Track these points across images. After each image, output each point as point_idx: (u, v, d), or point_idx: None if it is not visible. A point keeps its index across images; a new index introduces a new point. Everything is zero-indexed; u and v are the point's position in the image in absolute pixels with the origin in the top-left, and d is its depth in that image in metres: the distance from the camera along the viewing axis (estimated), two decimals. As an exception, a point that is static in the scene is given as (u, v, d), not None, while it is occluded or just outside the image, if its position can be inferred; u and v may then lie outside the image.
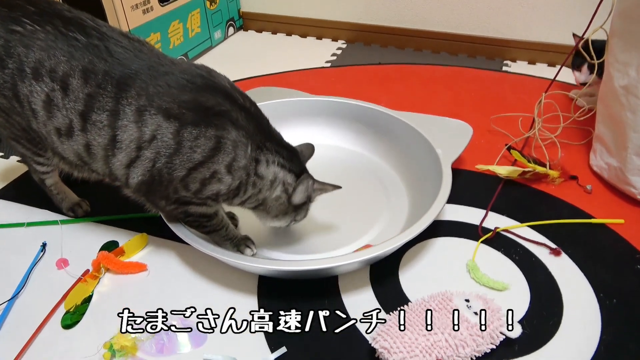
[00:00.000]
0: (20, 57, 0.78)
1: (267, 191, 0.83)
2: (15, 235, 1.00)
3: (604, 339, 0.77)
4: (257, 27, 2.02)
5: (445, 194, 0.90)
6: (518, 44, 1.70)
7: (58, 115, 0.79)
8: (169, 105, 0.75)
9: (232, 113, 0.77)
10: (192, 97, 0.76)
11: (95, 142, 0.79)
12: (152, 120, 0.75)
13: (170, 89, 0.76)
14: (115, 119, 0.76)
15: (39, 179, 1.00)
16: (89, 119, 0.77)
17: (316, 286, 0.87)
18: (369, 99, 1.21)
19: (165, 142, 0.76)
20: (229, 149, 0.76)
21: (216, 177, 0.78)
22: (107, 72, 0.76)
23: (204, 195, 0.80)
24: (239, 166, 0.78)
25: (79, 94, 0.77)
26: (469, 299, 0.78)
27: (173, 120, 0.75)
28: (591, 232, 0.97)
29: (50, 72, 0.77)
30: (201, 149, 0.75)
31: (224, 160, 0.76)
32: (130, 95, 0.76)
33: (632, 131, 0.99)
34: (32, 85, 0.78)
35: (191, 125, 0.75)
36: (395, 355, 0.69)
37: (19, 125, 0.86)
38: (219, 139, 0.75)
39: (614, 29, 1.02)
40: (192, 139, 0.75)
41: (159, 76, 0.77)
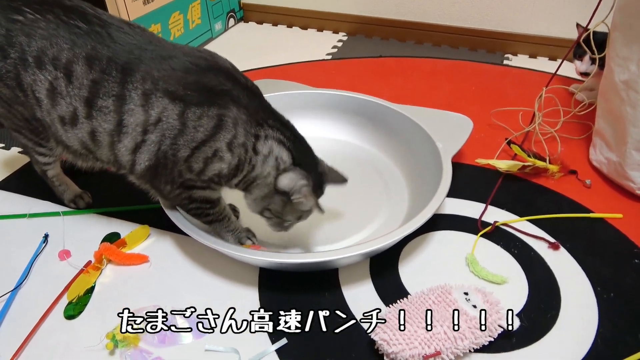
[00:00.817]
0: (22, 46, 0.78)
1: (260, 167, 0.81)
2: (18, 227, 1.00)
3: (601, 332, 0.78)
4: (258, 19, 2.02)
5: (445, 187, 0.91)
6: (519, 37, 1.70)
7: (62, 104, 0.80)
8: (174, 88, 0.76)
9: (233, 92, 0.78)
10: (195, 78, 0.77)
11: (101, 128, 0.80)
12: (158, 102, 0.76)
13: (175, 71, 0.77)
14: (122, 103, 0.77)
15: (40, 170, 1.00)
16: (95, 105, 0.78)
17: (317, 279, 0.87)
18: (369, 91, 1.21)
19: (170, 123, 0.77)
20: (230, 126, 0.77)
21: (218, 156, 0.78)
22: (110, 58, 0.77)
23: (207, 175, 0.80)
24: (239, 143, 0.78)
25: (83, 80, 0.77)
26: (468, 292, 0.78)
27: (178, 102, 0.76)
28: (590, 227, 0.98)
29: (53, 60, 0.78)
30: (204, 128, 0.77)
31: (225, 137, 0.77)
32: (135, 79, 0.77)
33: (631, 126, 0.99)
34: (36, 74, 0.79)
35: (195, 106, 0.76)
36: (394, 347, 0.70)
37: (21, 115, 0.86)
38: (221, 117, 0.77)
39: (615, 23, 1.02)
40: (196, 118, 0.76)
41: (163, 60, 0.78)
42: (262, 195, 0.84)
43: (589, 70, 1.25)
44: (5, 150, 1.24)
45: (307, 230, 0.98)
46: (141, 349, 0.76)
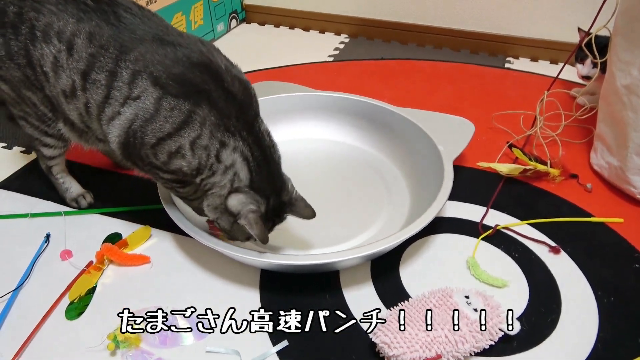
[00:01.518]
0: (31, 22, 0.81)
1: (219, 176, 0.79)
2: (19, 226, 1.00)
3: (601, 336, 0.78)
4: (260, 20, 2.02)
5: (446, 191, 0.91)
6: (520, 40, 1.70)
7: (63, 77, 0.82)
8: (158, 74, 0.77)
9: (213, 92, 0.77)
10: (181, 71, 0.77)
11: (92, 100, 0.81)
12: (141, 83, 0.77)
13: (166, 59, 0.78)
14: (113, 79, 0.79)
15: (45, 166, 1.00)
16: (89, 77, 0.80)
17: (318, 281, 0.87)
18: (371, 93, 1.22)
19: (146, 105, 0.77)
20: (197, 125, 0.76)
21: (180, 153, 0.78)
22: (112, 35, 0.79)
23: (170, 169, 0.81)
24: (201, 145, 0.77)
25: (82, 53, 0.79)
26: (469, 295, 0.79)
27: (158, 88, 0.77)
28: (590, 231, 0.98)
29: (58, 34, 0.80)
30: (172, 120, 0.76)
31: (190, 135, 0.77)
32: (129, 58, 0.78)
33: (633, 130, 0.99)
34: (43, 48, 0.81)
35: (172, 96, 0.76)
36: (395, 350, 0.70)
37: (29, 100, 0.88)
38: (191, 113, 0.76)
39: (617, 27, 1.03)
40: (169, 108, 0.76)
41: (161, 46, 0.79)
42: (214, 206, 0.82)
43: (590, 74, 1.25)
44: (7, 149, 1.25)
45: (309, 232, 0.98)
46: (142, 350, 0.76)
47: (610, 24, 1.06)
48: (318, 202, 1.05)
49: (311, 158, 1.17)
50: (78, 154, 1.12)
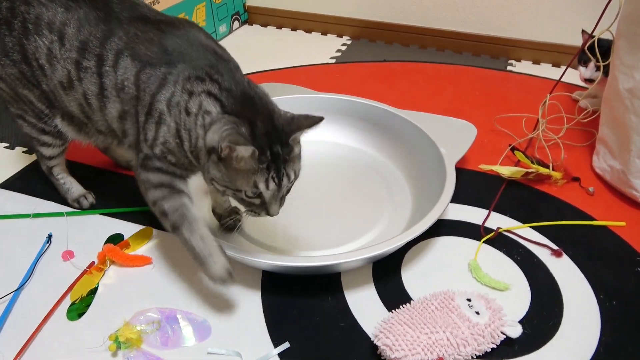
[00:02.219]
0: (23, 15, 0.81)
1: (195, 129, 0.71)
2: (21, 226, 1.00)
3: (603, 340, 0.78)
4: (262, 22, 2.02)
5: (448, 193, 0.91)
6: (523, 43, 1.70)
7: (58, 68, 0.81)
8: (137, 48, 0.76)
9: (189, 51, 0.75)
10: (160, 40, 0.76)
11: (89, 90, 0.80)
12: (122, 62, 0.76)
13: (148, 36, 0.77)
14: (100, 64, 0.77)
15: (46, 167, 1.01)
16: (82, 66, 0.79)
17: (319, 282, 0.87)
18: (373, 95, 1.22)
19: (130, 89, 0.76)
20: (170, 84, 0.73)
21: (162, 119, 0.74)
22: (99, 20, 0.78)
23: (157, 146, 0.75)
24: (175, 102, 0.73)
25: (73, 42, 0.79)
26: (471, 298, 0.79)
27: (137, 62, 0.76)
28: (593, 234, 0.98)
29: (49, 25, 0.80)
30: (150, 89, 0.75)
31: (164, 96, 0.74)
32: (113, 40, 0.77)
33: (635, 134, 0.99)
34: (36, 41, 0.81)
35: (149, 67, 0.75)
36: (397, 352, 0.70)
37: (26, 98, 0.88)
38: (165, 74, 0.74)
39: (620, 31, 1.02)
40: (146, 80, 0.75)
41: (146, 26, 0.78)
42: (212, 168, 0.71)
43: (593, 77, 1.25)
44: (9, 149, 1.25)
45: (311, 233, 0.98)
46: (144, 351, 0.76)
47: (613, 28, 1.06)
48: (320, 204, 1.06)
49: (313, 160, 1.16)
50: (79, 154, 1.13)
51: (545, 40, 1.66)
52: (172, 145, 0.75)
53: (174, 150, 0.75)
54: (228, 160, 0.68)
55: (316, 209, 1.04)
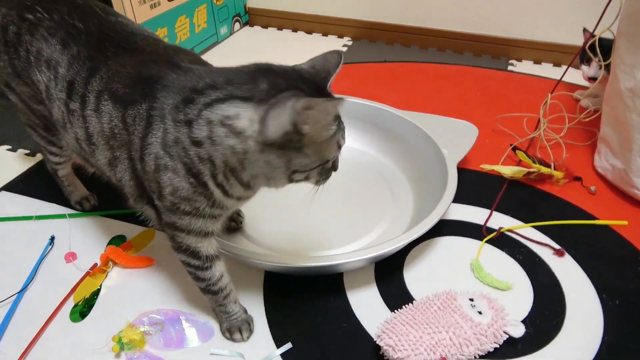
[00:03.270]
0: (27, 45, 0.76)
1: (215, 152, 0.59)
2: (24, 228, 1.00)
3: (606, 339, 0.78)
4: (263, 23, 2.02)
5: (450, 193, 0.91)
6: (524, 43, 1.70)
7: (54, 106, 0.76)
8: (116, 87, 0.66)
9: (168, 76, 0.63)
10: (139, 70, 0.66)
11: (79, 135, 0.72)
12: (105, 108, 0.67)
13: (127, 66, 0.67)
14: (83, 107, 0.69)
15: (51, 168, 1.01)
16: (69, 108, 0.72)
17: (321, 283, 0.87)
18: (374, 96, 1.22)
19: (122, 135, 0.66)
20: (158, 120, 0.61)
21: (161, 165, 0.62)
22: (88, 56, 0.71)
23: (167, 199, 0.64)
24: (171, 140, 0.60)
25: (63, 82, 0.72)
26: (473, 298, 0.79)
27: (119, 105, 0.65)
28: (595, 234, 0.98)
29: (47, 62, 0.74)
30: (138, 131, 0.63)
31: (156, 137, 0.61)
32: (94, 79, 0.69)
33: (637, 133, 0.99)
34: (37, 75, 0.77)
35: (130, 106, 0.64)
36: (400, 352, 0.70)
37: (39, 112, 0.86)
38: (149, 110, 0.62)
39: (621, 30, 1.02)
40: (132, 122, 0.64)
41: (125, 53, 0.70)
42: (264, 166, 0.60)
43: (597, 75, 1.25)
44: (12, 152, 1.25)
45: (313, 234, 0.98)
46: (147, 352, 0.76)
47: (613, 27, 1.06)
48: (322, 205, 1.06)
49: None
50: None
51: (546, 40, 1.66)
52: (185, 191, 0.62)
53: (189, 196, 0.63)
54: (313, 133, 0.57)
55: (318, 209, 1.04)
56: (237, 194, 0.65)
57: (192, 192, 0.63)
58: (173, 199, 0.63)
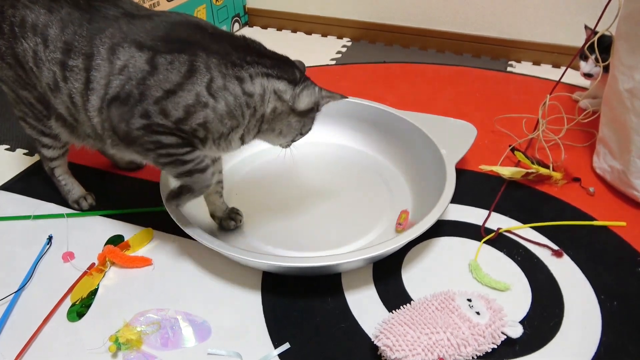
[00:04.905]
0: (10, 19, 0.81)
1: (261, 107, 0.79)
2: (22, 228, 1.00)
3: (604, 340, 0.78)
4: (263, 24, 2.03)
5: (448, 194, 0.91)
6: (523, 44, 1.70)
7: (44, 70, 0.81)
8: (142, 39, 0.76)
9: (202, 41, 0.77)
10: (165, 32, 0.77)
11: (74, 89, 0.80)
12: (124, 52, 0.75)
13: (145, 27, 0.77)
14: (90, 60, 0.77)
15: (48, 168, 1.01)
16: (67, 66, 0.78)
17: (319, 283, 0.87)
18: (373, 97, 1.22)
19: (137, 66, 0.75)
20: (203, 69, 0.75)
21: (201, 102, 0.75)
22: (82, 20, 0.78)
23: (189, 126, 0.76)
24: (218, 86, 0.75)
25: (57, 43, 0.78)
26: (471, 298, 0.78)
27: (146, 50, 0.75)
28: (593, 234, 0.98)
29: (33, 27, 0.79)
30: (177, 70, 0.74)
31: (202, 80, 0.74)
32: (105, 35, 0.77)
33: (636, 134, 0.99)
34: (22, 44, 0.80)
35: (165, 53, 0.75)
36: (397, 353, 0.70)
37: (26, 100, 0.88)
38: (192, 62, 0.74)
39: (619, 31, 1.03)
40: (167, 63, 0.74)
41: (135, 19, 0.78)
42: (287, 125, 0.83)
43: (592, 72, 1.25)
44: (10, 151, 1.25)
45: (311, 234, 0.98)
46: (144, 352, 0.76)
47: (612, 28, 1.06)
48: (320, 205, 1.06)
49: (314, 161, 1.17)
50: (79, 156, 1.13)
51: (545, 41, 1.66)
52: (215, 127, 0.78)
53: (214, 128, 0.78)
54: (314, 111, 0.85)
55: (316, 209, 1.04)
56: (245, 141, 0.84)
57: (219, 128, 0.78)
58: (198, 127, 0.77)
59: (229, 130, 0.79)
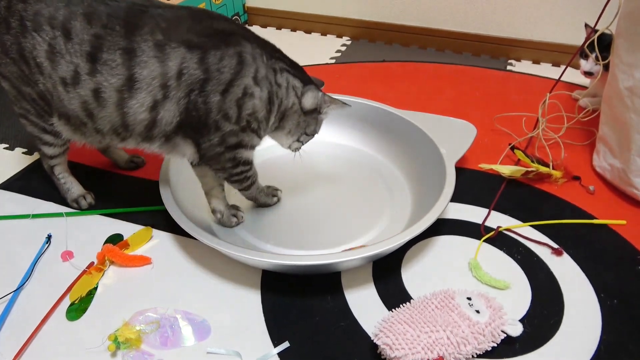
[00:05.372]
0: (20, 13, 0.80)
1: (286, 99, 0.87)
2: (21, 227, 1.00)
3: (604, 339, 0.78)
4: (262, 23, 2.02)
5: (448, 192, 0.91)
6: (523, 43, 1.70)
7: (62, 63, 0.80)
8: (188, 37, 0.78)
9: (241, 30, 0.83)
10: (205, 24, 0.81)
11: (107, 83, 0.79)
12: (175, 53, 0.78)
13: (182, 21, 0.80)
14: (131, 56, 0.77)
15: (48, 166, 1.01)
16: (99, 59, 0.78)
17: (319, 282, 0.87)
18: (373, 96, 1.22)
19: (193, 73, 0.78)
20: (250, 61, 0.81)
21: (248, 93, 0.81)
22: (110, 14, 0.78)
23: (244, 119, 0.83)
24: (262, 76, 0.82)
25: (83, 36, 0.78)
26: (471, 297, 0.78)
27: (196, 50, 0.78)
28: (593, 233, 0.98)
29: (50, 20, 0.79)
30: (228, 68, 0.79)
31: (249, 72, 0.80)
32: (143, 32, 0.77)
33: (636, 133, 0.99)
34: (34, 38, 0.80)
35: (213, 49, 0.78)
36: (397, 351, 0.70)
37: (29, 96, 0.88)
38: (240, 53, 0.80)
39: (619, 30, 1.02)
40: (217, 61, 0.78)
41: (165, 12, 0.80)
42: (296, 124, 0.91)
43: (593, 70, 1.25)
44: (9, 150, 1.25)
45: (311, 233, 0.98)
46: (143, 351, 0.76)
47: (612, 26, 1.06)
48: (320, 204, 1.06)
49: (313, 160, 1.16)
50: (79, 155, 1.13)
51: (545, 40, 1.66)
52: (262, 114, 0.85)
53: (262, 118, 0.85)
54: (323, 114, 0.93)
55: (316, 208, 1.04)
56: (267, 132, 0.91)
57: (264, 114, 0.85)
58: (250, 118, 0.83)
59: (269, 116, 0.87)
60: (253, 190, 0.98)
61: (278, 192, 1.05)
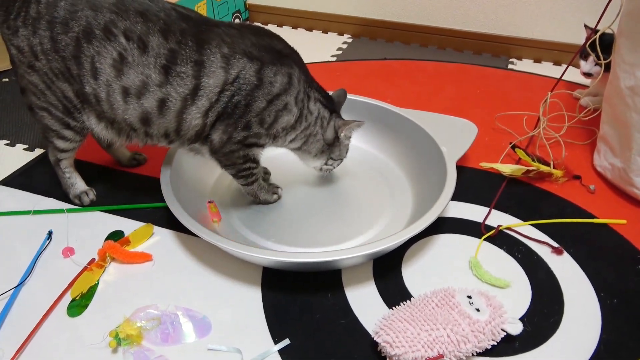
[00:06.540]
0: (87, 19, 0.82)
1: (313, 126, 0.96)
2: (22, 223, 1.00)
3: (604, 337, 0.78)
4: (263, 20, 2.02)
5: (449, 191, 0.91)
6: (524, 41, 1.70)
7: (130, 73, 0.83)
8: (250, 50, 0.86)
9: (293, 55, 0.92)
10: (266, 42, 0.89)
11: (175, 92, 0.84)
12: (238, 63, 0.85)
13: (245, 37, 0.87)
14: (201, 67, 0.84)
15: (55, 159, 1.01)
16: (172, 71, 0.83)
17: (320, 279, 0.87)
18: (374, 94, 1.22)
19: (248, 78, 0.85)
20: (296, 83, 0.90)
21: (287, 109, 0.90)
22: (183, 30, 0.84)
23: (275, 128, 0.91)
24: (300, 98, 0.91)
25: (160, 50, 0.83)
26: (471, 295, 0.78)
27: (256, 61, 0.86)
28: (593, 232, 0.98)
29: (125, 33, 0.82)
30: (279, 84, 0.88)
31: (294, 92, 0.90)
32: (212, 46, 0.84)
33: (637, 132, 0.99)
34: (103, 46, 0.82)
35: (270, 64, 0.87)
36: (397, 349, 0.70)
37: (61, 92, 0.88)
38: (290, 74, 0.89)
39: (621, 29, 1.02)
40: (272, 75, 0.87)
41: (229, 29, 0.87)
42: (320, 149, 0.99)
43: (592, 71, 1.25)
44: (10, 146, 1.25)
45: (312, 230, 0.98)
46: (144, 348, 0.76)
47: (614, 25, 1.06)
48: (321, 202, 1.06)
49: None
50: (81, 151, 1.13)
51: (546, 38, 1.66)
52: (288, 128, 0.93)
53: (287, 131, 0.94)
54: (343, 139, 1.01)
55: (317, 206, 1.04)
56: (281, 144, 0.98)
57: (289, 129, 0.94)
58: (279, 127, 0.92)
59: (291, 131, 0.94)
60: (255, 186, 1.00)
61: (279, 189, 1.05)
